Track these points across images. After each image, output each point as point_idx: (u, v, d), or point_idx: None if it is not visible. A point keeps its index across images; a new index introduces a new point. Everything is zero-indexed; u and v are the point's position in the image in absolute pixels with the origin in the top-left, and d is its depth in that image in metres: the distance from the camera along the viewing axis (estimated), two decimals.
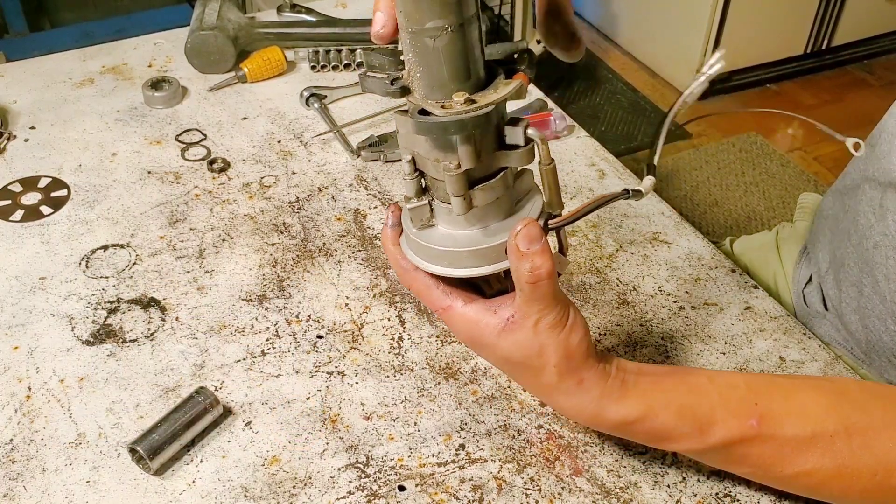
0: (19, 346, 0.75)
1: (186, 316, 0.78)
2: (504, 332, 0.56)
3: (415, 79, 0.50)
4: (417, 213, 0.55)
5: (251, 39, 1.16)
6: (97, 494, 0.64)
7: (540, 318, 0.55)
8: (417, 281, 0.59)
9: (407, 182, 0.54)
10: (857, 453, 0.57)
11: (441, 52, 0.47)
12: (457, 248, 0.54)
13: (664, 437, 0.59)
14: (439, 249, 0.55)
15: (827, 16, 2.70)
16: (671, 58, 2.78)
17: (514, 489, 0.65)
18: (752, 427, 0.57)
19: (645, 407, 0.58)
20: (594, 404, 0.58)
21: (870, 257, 0.75)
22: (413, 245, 0.57)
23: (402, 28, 0.48)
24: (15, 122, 1.04)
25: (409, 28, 0.47)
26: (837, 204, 0.85)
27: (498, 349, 0.57)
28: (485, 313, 0.57)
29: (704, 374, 0.63)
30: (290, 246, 0.87)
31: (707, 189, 2.36)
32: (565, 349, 0.56)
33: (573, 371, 0.57)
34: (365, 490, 0.64)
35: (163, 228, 0.88)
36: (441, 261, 0.55)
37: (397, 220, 0.59)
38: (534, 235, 0.53)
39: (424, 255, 0.56)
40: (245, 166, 0.98)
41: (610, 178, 0.97)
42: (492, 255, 0.55)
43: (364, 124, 1.05)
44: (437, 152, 0.51)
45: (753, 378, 0.63)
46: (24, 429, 0.68)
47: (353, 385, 0.73)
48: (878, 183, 0.75)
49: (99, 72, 1.14)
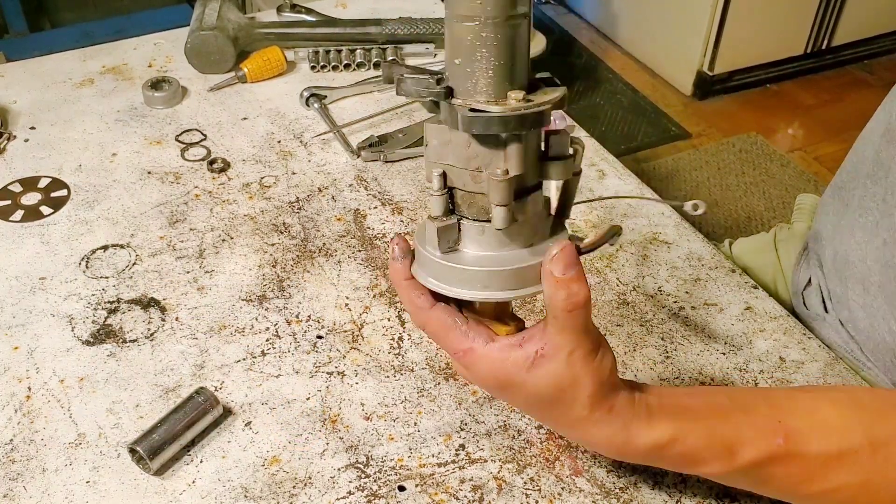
0: (19, 347, 0.75)
1: (186, 316, 0.78)
2: (534, 366, 0.52)
3: (460, 77, 0.47)
4: (446, 233, 0.50)
5: (251, 39, 1.16)
6: (97, 495, 0.64)
7: (574, 348, 0.52)
8: (434, 320, 0.54)
9: (435, 199, 0.50)
10: (882, 466, 0.56)
11: (512, 41, 0.45)
12: (495, 268, 0.50)
13: (694, 460, 0.57)
14: (472, 270, 0.50)
15: (827, 16, 2.70)
16: (671, 58, 2.78)
17: (514, 489, 0.65)
18: (779, 446, 0.55)
19: (674, 429, 0.55)
20: (624, 432, 0.55)
21: (878, 255, 0.75)
22: (437, 270, 0.51)
23: (466, 18, 0.45)
24: (15, 122, 1.04)
25: (486, 18, 0.44)
26: (837, 200, 0.85)
27: (527, 386, 0.53)
28: (510, 349, 0.53)
29: (723, 392, 0.61)
30: (290, 246, 0.87)
31: (707, 189, 2.36)
32: (599, 378, 0.53)
33: (605, 399, 0.54)
34: (365, 490, 0.64)
35: (163, 229, 0.88)
36: (475, 284, 0.51)
37: (405, 250, 0.54)
38: (571, 260, 0.50)
39: (454, 279, 0.51)
40: (245, 166, 0.98)
41: (610, 179, 0.97)
42: (530, 277, 0.51)
43: (364, 124, 1.05)
44: (480, 159, 0.48)
45: (771, 394, 0.62)
46: (24, 429, 0.68)
47: (353, 385, 0.73)
48: (879, 178, 0.75)
49: (99, 72, 1.14)
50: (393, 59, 0.49)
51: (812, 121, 2.67)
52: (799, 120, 2.69)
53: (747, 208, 2.30)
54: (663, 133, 2.60)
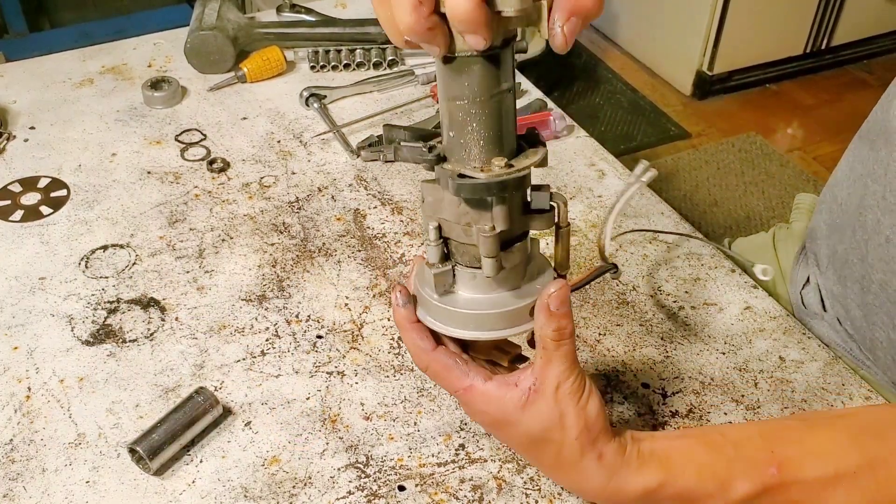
0: (19, 347, 0.75)
1: (186, 316, 0.78)
2: (527, 404, 0.56)
3: (454, 147, 0.52)
4: (441, 279, 0.56)
5: (251, 39, 1.16)
6: (97, 495, 0.64)
7: (559, 382, 0.55)
8: (436, 361, 0.58)
9: (431, 248, 0.55)
10: (884, 485, 0.56)
11: (498, 114, 0.51)
12: (486, 311, 0.56)
13: (689, 499, 0.57)
14: (466, 313, 0.56)
15: (826, 16, 2.70)
16: (671, 58, 2.78)
17: (513, 489, 0.65)
18: (773, 476, 0.56)
19: (664, 472, 0.57)
20: (616, 480, 0.56)
21: (882, 253, 0.75)
22: (436, 312, 0.57)
23: (455, 98, 0.50)
24: (15, 122, 1.04)
25: (474, 97, 0.50)
26: (833, 199, 0.85)
27: (520, 425, 0.56)
28: (507, 388, 0.56)
29: (716, 430, 0.62)
30: (289, 246, 0.87)
31: (707, 189, 2.36)
32: (585, 419, 0.56)
33: (593, 444, 0.56)
34: (365, 490, 0.64)
35: (162, 228, 0.88)
36: (468, 324, 0.56)
37: (407, 297, 0.58)
38: (564, 297, 0.54)
39: (450, 320, 0.57)
40: (245, 166, 0.98)
41: (609, 178, 0.97)
42: (518, 317, 0.56)
43: (363, 124, 1.05)
44: (469, 216, 0.53)
45: (765, 425, 0.63)
46: (24, 429, 0.68)
47: (353, 385, 0.73)
48: (879, 177, 0.75)
49: (98, 72, 1.14)
50: (388, 124, 0.54)
51: (811, 121, 2.67)
52: (798, 120, 2.69)
53: (746, 208, 2.30)
54: (663, 133, 2.60)
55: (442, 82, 0.51)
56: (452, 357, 0.58)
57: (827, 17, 2.71)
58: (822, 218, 0.86)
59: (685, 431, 0.63)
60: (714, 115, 2.68)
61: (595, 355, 0.76)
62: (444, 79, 0.50)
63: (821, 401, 0.73)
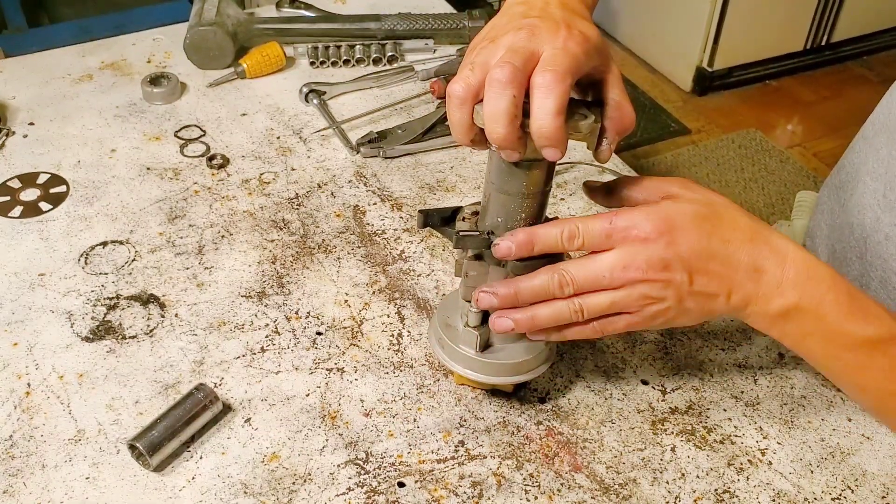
0: (18, 343, 0.75)
1: (186, 312, 0.78)
2: (672, 194, 0.62)
3: (500, 229, 0.61)
4: (482, 337, 0.65)
5: (250, 35, 1.15)
6: (97, 491, 0.64)
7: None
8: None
9: (473, 314, 0.65)
10: None
11: (542, 206, 0.61)
12: (520, 359, 0.67)
13: (861, 305, 0.59)
14: (509, 363, 0.66)
15: (826, 12, 2.70)
16: (671, 54, 2.78)
17: (513, 485, 0.65)
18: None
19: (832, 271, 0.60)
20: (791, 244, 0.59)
21: (881, 251, 0.75)
22: (474, 365, 0.66)
23: (511, 192, 0.59)
24: (14, 117, 1.03)
25: (526, 193, 0.59)
26: (833, 198, 0.85)
27: (685, 207, 0.60)
28: (645, 203, 0.62)
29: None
30: (289, 242, 0.87)
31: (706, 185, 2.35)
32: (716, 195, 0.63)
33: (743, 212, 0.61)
34: (364, 486, 0.64)
35: (162, 225, 0.88)
36: (511, 372, 0.67)
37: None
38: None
39: (491, 371, 0.66)
40: (244, 162, 0.98)
41: (609, 175, 0.97)
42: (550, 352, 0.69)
43: (363, 120, 1.05)
44: None
45: None
46: (24, 425, 0.68)
47: (353, 381, 0.73)
48: (881, 175, 0.75)
49: (98, 67, 1.14)
50: (423, 210, 0.65)
51: (811, 117, 2.67)
52: (798, 116, 2.69)
53: (746, 204, 2.30)
54: (663, 129, 2.59)
55: (499, 177, 0.59)
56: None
57: (827, 14, 2.71)
58: (823, 218, 0.86)
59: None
60: (714, 112, 2.67)
61: (594, 352, 0.76)
62: (504, 175, 0.59)
63: (820, 397, 0.73)
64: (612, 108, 0.59)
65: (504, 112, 0.53)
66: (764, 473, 0.67)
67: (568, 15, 0.58)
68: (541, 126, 0.53)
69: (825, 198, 0.87)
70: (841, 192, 0.83)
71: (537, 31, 0.56)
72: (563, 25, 0.56)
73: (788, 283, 0.58)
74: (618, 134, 0.60)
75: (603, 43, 0.59)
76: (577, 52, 0.55)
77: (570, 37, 0.55)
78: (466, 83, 0.55)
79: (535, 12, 0.58)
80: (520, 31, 0.56)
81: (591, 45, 0.57)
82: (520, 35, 0.55)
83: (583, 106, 0.59)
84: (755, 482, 0.66)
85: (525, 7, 0.60)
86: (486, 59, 0.55)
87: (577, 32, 0.56)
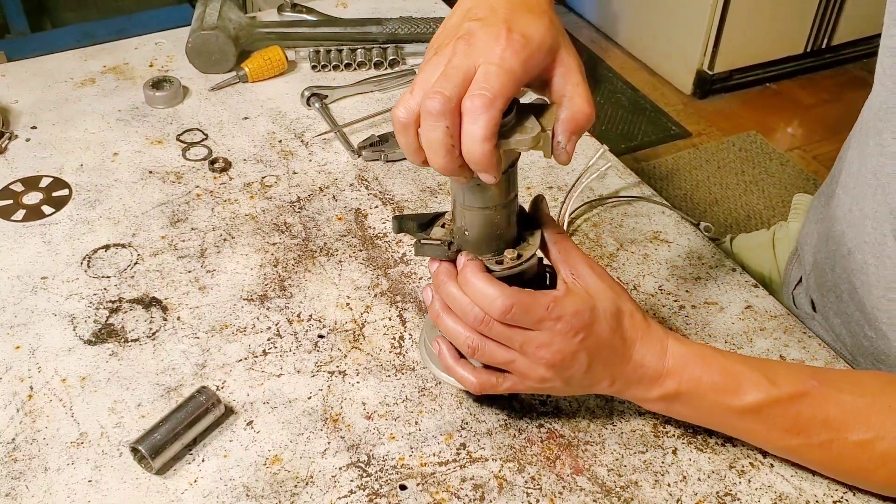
0: (21, 346, 0.75)
1: (188, 315, 0.79)
2: (591, 288, 0.62)
3: (470, 242, 0.62)
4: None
5: (252, 39, 1.16)
6: (99, 494, 0.64)
7: (588, 262, 0.63)
8: (519, 293, 0.59)
9: None
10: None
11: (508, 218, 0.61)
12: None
13: (737, 380, 0.62)
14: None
15: (827, 15, 2.70)
16: (671, 57, 2.78)
17: (514, 488, 0.65)
18: (814, 386, 0.62)
19: (709, 351, 0.64)
20: (663, 342, 0.63)
21: (847, 264, 0.75)
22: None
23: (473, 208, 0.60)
24: (16, 121, 1.04)
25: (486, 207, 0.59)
26: (820, 206, 0.85)
27: (598, 305, 0.61)
28: (567, 290, 0.62)
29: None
30: (291, 245, 0.87)
31: (707, 188, 2.36)
32: (622, 287, 0.65)
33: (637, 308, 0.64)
34: (366, 489, 0.65)
35: (164, 228, 0.89)
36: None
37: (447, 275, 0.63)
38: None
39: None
40: (246, 166, 0.98)
41: (610, 178, 0.98)
42: None
43: (365, 124, 1.05)
44: None
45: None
46: (27, 428, 0.68)
47: (355, 384, 0.73)
48: (850, 189, 0.75)
49: (100, 71, 1.14)
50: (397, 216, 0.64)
51: (811, 120, 2.68)
52: (798, 119, 2.69)
53: (747, 207, 2.30)
54: (663, 132, 2.60)
55: (460, 195, 0.60)
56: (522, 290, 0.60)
57: (827, 17, 2.71)
58: (814, 226, 0.86)
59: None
60: (714, 115, 2.68)
61: None
62: (464, 194, 0.59)
63: None
64: (564, 107, 0.56)
65: (440, 144, 0.52)
66: (766, 476, 0.67)
67: (513, 13, 0.54)
68: (469, 152, 0.52)
69: (815, 204, 0.88)
70: (828, 200, 0.83)
71: (474, 41, 0.53)
72: (503, 30, 0.53)
73: (667, 374, 0.63)
74: (572, 134, 0.55)
75: (552, 39, 0.55)
76: (514, 64, 0.52)
77: (508, 45, 0.52)
78: (407, 108, 0.53)
79: (481, 11, 0.55)
80: (458, 41, 0.53)
81: (533, 48, 0.53)
82: (458, 48, 0.53)
83: (532, 113, 0.56)
84: (757, 485, 0.66)
85: (472, 3, 0.56)
86: (426, 79, 0.53)
87: (517, 37, 0.53)
